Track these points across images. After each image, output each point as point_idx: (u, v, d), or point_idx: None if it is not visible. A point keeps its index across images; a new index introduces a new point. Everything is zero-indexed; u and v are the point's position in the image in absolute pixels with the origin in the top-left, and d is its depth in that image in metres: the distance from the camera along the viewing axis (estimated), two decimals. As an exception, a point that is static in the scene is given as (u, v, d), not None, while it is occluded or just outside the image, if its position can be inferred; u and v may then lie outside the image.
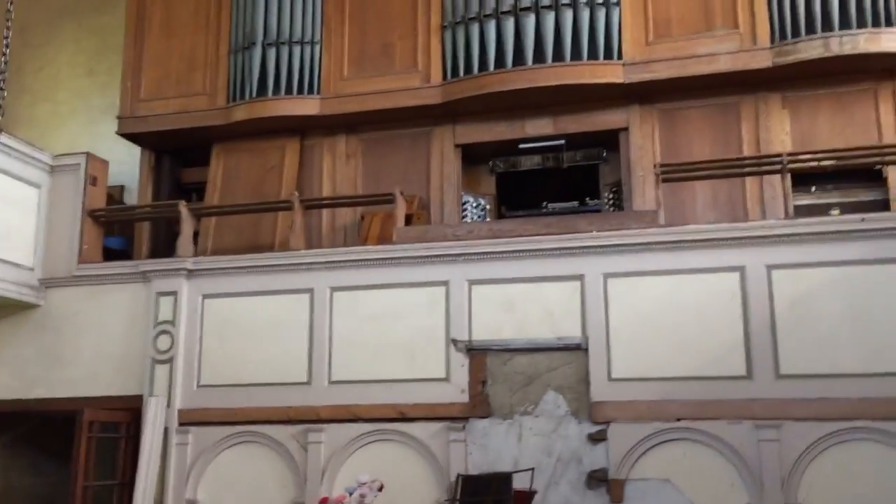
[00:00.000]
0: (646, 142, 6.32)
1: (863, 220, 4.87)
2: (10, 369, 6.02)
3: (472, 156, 6.89)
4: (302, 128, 6.96)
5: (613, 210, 6.53)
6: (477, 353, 5.40)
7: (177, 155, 7.41)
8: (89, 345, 5.93)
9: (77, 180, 6.27)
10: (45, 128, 8.74)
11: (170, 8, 7.24)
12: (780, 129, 6.03)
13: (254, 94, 6.79)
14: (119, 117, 7.19)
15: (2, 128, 5.42)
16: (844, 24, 5.69)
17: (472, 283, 5.53)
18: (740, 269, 5.04)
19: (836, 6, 5.69)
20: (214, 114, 6.96)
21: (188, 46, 7.14)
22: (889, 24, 5.65)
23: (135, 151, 7.60)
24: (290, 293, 5.82)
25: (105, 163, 6.50)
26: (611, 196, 6.63)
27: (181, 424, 5.70)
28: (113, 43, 8.96)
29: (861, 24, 5.66)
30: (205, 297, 5.93)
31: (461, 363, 5.38)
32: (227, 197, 6.90)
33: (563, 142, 6.66)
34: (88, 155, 6.35)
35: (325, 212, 6.80)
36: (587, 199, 6.85)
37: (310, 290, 5.77)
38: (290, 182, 6.84)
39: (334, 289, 5.74)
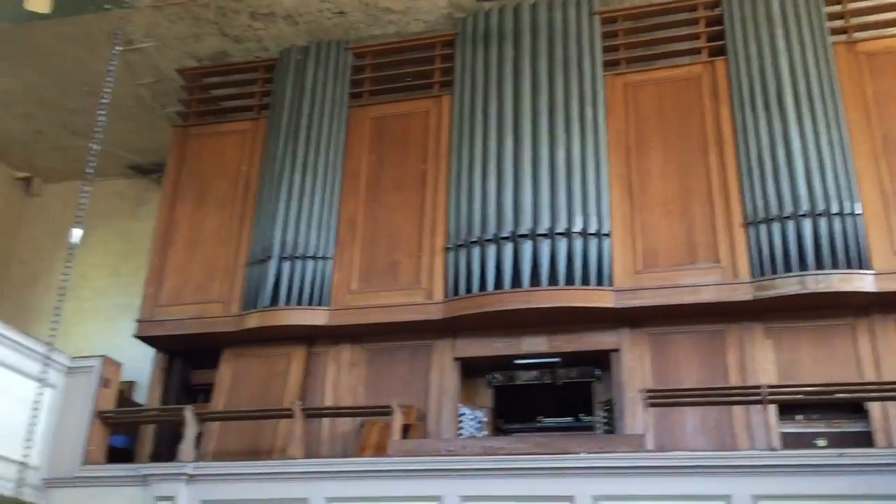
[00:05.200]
0: (636, 364, 6.58)
1: (841, 455, 5.03)
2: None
3: (471, 369, 7.14)
4: (310, 336, 7.29)
5: (606, 428, 6.68)
6: (467, 572, 5.41)
7: (188, 357, 7.72)
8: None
9: (90, 381, 6.56)
10: (69, 323, 9.11)
11: (197, 222, 7.81)
12: (764, 358, 6.30)
13: (266, 303, 7.19)
14: (138, 321, 7.54)
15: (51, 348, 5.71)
16: (819, 265, 6.10)
17: (463, 499, 5.63)
18: (726, 498, 5.13)
19: (810, 250, 6.13)
20: (228, 320, 7.33)
21: (210, 257, 7.64)
22: (860, 266, 6.06)
23: (148, 348, 7.92)
24: (287, 502, 5.92)
25: (118, 365, 6.82)
26: (604, 414, 6.80)
27: None
28: (139, 247, 9.60)
29: (834, 265, 6.07)
30: (203, 503, 6.02)
31: (450, 582, 5.38)
32: (233, 400, 7.12)
33: (558, 359, 6.95)
34: (104, 358, 6.67)
35: (327, 420, 6.98)
36: (581, 415, 7.02)
37: (304, 501, 5.86)
38: (295, 388, 7.08)
39: (329, 500, 5.84)
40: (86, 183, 5.09)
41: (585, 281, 6.59)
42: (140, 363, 8.02)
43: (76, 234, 4.92)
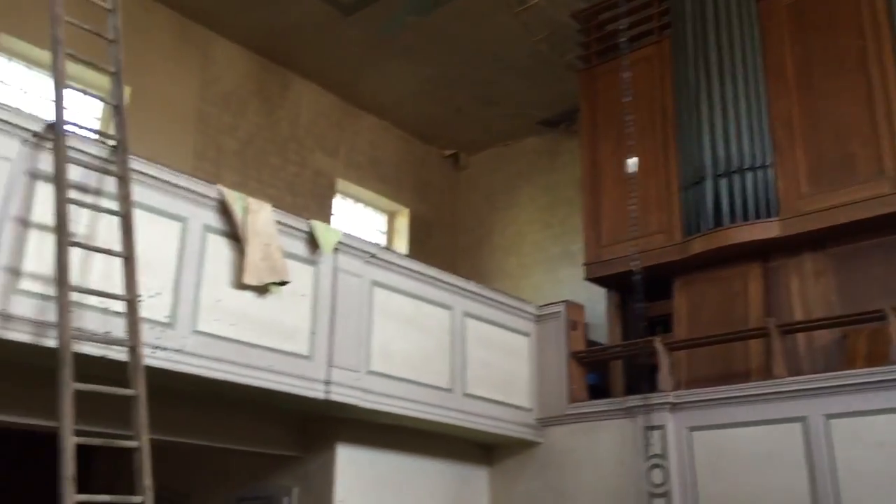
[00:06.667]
0: None
1: None
2: (522, 502, 6.64)
3: (965, 258, 6.19)
4: (761, 251, 6.89)
5: None
6: None
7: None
8: (588, 479, 6.33)
9: (559, 326, 6.93)
10: (516, 278, 9.87)
11: (620, 158, 7.70)
12: None
13: (709, 225, 6.93)
14: (585, 264, 7.79)
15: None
16: None
17: None
18: None
19: None
20: (672, 249, 7.22)
21: (641, 190, 7.57)
22: None
23: (592, 290, 8.14)
24: (779, 423, 5.67)
25: (581, 308, 7.11)
26: None
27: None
28: (562, 197, 9.97)
29: None
30: (691, 429, 6.03)
31: None
32: (694, 328, 7.02)
33: None
34: (567, 303, 7.00)
35: (800, 334, 6.55)
36: None
37: (802, 419, 5.56)
38: (757, 307, 6.75)
39: (829, 416, 5.46)
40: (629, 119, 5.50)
41: None
42: (588, 304, 8.31)
43: (632, 163, 5.53)
